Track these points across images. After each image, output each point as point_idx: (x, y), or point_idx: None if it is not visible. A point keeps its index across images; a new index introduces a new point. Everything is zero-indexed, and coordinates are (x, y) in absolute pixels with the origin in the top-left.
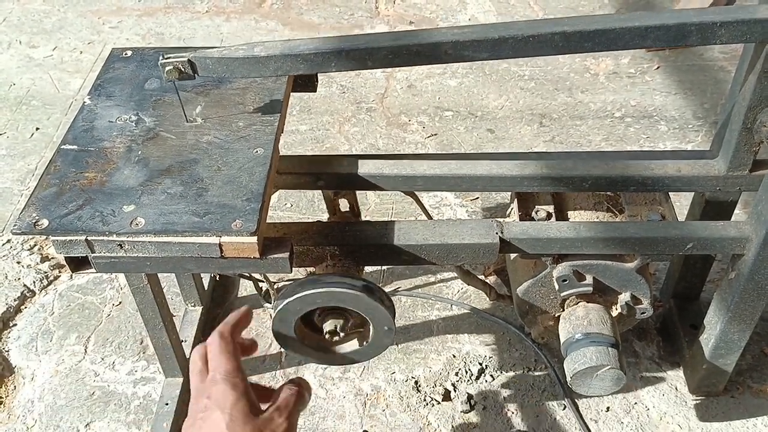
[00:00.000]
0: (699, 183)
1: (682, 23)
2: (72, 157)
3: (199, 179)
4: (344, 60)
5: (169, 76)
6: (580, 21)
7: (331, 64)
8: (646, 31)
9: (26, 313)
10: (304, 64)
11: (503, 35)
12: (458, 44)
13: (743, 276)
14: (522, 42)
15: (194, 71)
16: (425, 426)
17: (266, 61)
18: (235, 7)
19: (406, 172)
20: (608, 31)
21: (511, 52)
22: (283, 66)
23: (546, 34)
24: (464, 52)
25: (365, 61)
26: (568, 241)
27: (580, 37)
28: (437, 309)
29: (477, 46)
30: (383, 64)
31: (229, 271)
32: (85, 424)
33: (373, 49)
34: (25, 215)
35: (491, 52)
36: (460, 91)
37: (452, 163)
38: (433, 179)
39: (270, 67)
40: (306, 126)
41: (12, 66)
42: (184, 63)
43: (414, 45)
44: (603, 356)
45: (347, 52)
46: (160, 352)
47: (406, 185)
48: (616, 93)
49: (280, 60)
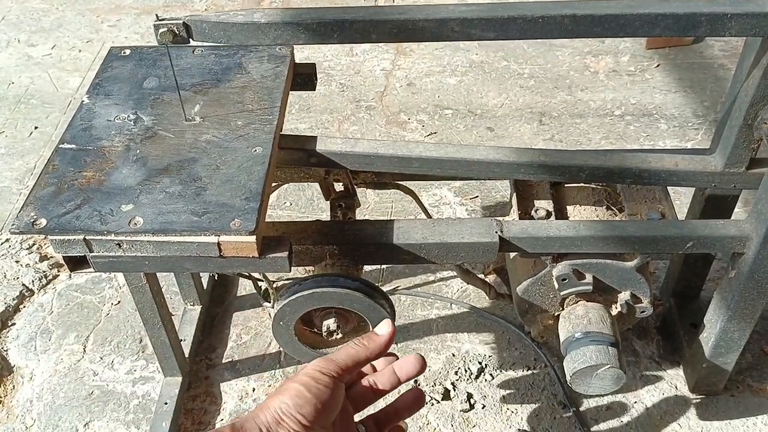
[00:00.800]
0: (695, 178)
1: (692, 13)
2: (70, 156)
3: (197, 178)
4: (347, 31)
5: (163, 39)
6: (591, 5)
7: (334, 35)
8: (656, 18)
9: (25, 313)
10: (306, 33)
11: (512, 15)
12: (465, 21)
13: (743, 274)
14: (531, 23)
15: (189, 35)
16: (425, 425)
17: (266, 28)
18: (234, 6)
19: (401, 153)
20: (619, 16)
21: (518, 33)
22: (283, 34)
23: (555, 16)
24: (471, 31)
25: (369, 34)
26: (567, 239)
27: (590, 21)
28: (437, 308)
29: (484, 25)
30: (388, 38)
31: (227, 270)
32: (84, 424)
33: (378, 22)
34: (24, 214)
35: (499, 31)
36: (459, 90)
37: (449, 146)
38: (429, 161)
39: (270, 35)
40: (305, 124)
41: (10, 64)
42: (179, 25)
43: (420, 20)
44: (603, 355)
45: (351, 23)
46: (159, 351)
47: (401, 166)
48: (615, 91)
49: (281, 28)
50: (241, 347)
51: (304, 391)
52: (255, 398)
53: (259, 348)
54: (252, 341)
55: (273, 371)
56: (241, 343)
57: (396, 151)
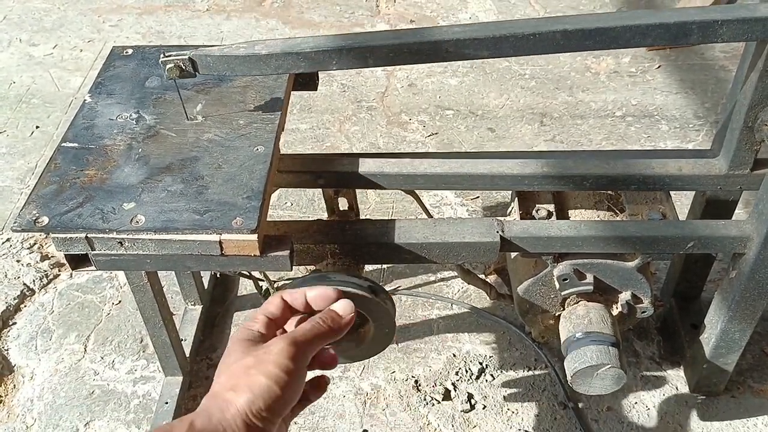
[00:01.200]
0: (700, 182)
1: (683, 22)
2: (72, 154)
3: (199, 177)
4: (345, 58)
5: (170, 74)
6: (582, 19)
7: (332, 62)
8: (647, 29)
9: (26, 312)
10: (305, 62)
11: (504, 33)
12: (459, 42)
13: (744, 275)
14: (523, 40)
15: (195, 69)
16: (425, 425)
17: (267, 59)
18: (236, 6)
19: (406, 170)
20: (609, 29)
21: (512, 50)
22: (284, 64)
23: (547, 32)
24: (465, 50)
25: (366, 59)
26: (568, 239)
27: (581, 35)
28: (437, 308)
29: (478, 44)
30: (384, 62)
31: (229, 268)
32: (84, 423)
33: (374, 47)
34: (26, 213)
35: (492, 50)
36: (460, 90)
37: (453, 161)
38: (434, 178)
39: (271, 65)
40: (306, 124)
41: (12, 64)
42: (185, 61)
43: (415, 43)
44: (603, 355)
45: (348, 50)
46: (159, 350)
47: (406, 184)
48: (617, 92)
49: (281, 58)
50: None
51: (275, 389)
52: None
53: None
54: None
55: None
56: None
57: (401, 169)
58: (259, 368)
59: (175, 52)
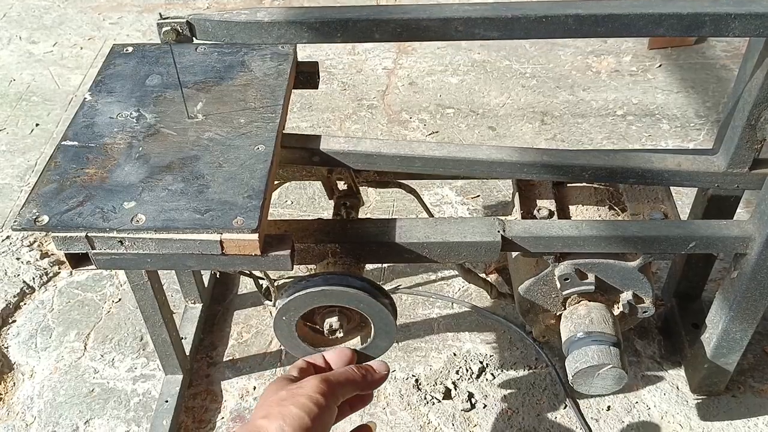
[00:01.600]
0: (698, 178)
1: (696, 13)
2: (72, 153)
3: (200, 176)
4: (351, 31)
5: (166, 37)
6: (595, 5)
7: (337, 35)
8: (660, 18)
9: (25, 310)
10: (309, 32)
11: (516, 14)
12: (469, 21)
13: (746, 275)
14: (535, 22)
15: (192, 33)
16: (426, 424)
17: (269, 27)
18: (236, 4)
19: (404, 152)
20: (622, 16)
21: (522, 33)
22: (286, 34)
23: (559, 16)
24: (475, 30)
25: (372, 34)
26: (570, 239)
27: (593, 20)
28: (438, 307)
29: (488, 25)
30: (391, 37)
31: (229, 268)
32: (84, 421)
33: (382, 21)
34: (26, 211)
35: (503, 31)
36: (461, 89)
37: (452, 146)
38: (432, 161)
39: (273, 34)
40: (307, 123)
41: (12, 62)
42: (182, 24)
43: (424, 19)
44: (604, 355)
45: (354, 23)
46: (159, 349)
47: (403, 165)
48: (617, 91)
49: (284, 27)
50: (242, 345)
51: (306, 419)
52: (256, 396)
53: (260, 346)
54: (253, 339)
55: (274, 370)
56: (242, 342)
57: (399, 151)
58: (291, 400)
59: (173, 15)
